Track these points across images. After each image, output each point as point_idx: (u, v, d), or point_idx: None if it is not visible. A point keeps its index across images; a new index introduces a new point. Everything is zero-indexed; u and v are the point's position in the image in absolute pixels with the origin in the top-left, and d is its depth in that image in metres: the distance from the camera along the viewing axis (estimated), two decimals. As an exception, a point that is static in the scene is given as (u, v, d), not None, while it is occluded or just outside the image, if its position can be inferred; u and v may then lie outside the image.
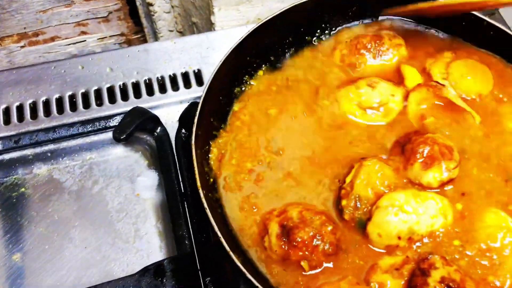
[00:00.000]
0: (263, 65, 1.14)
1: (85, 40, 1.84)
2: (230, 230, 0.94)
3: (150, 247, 1.10)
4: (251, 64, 1.12)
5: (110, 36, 1.86)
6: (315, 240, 0.87)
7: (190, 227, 1.07)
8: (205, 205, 0.86)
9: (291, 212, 0.91)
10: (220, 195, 0.99)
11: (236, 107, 1.09)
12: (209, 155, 1.02)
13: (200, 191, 0.88)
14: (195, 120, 0.95)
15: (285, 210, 0.92)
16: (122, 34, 1.87)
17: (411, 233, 0.88)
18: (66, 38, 1.80)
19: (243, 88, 1.12)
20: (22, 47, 1.78)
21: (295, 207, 0.92)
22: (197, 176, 0.90)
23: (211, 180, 1.00)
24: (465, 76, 1.06)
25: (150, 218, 1.13)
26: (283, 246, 0.88)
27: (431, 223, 0.88)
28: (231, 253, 0.82)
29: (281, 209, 0.93)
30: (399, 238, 0.88)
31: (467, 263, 0.87)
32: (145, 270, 0.96)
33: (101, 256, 1.09)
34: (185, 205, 1.10)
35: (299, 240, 0.87)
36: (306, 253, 0.87)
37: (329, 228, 0.89)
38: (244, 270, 0.81)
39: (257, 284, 0.80)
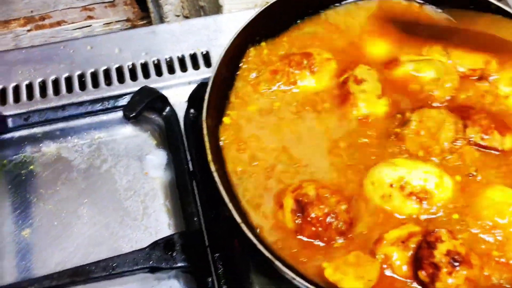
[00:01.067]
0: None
1: (91, 25, 1.85)
2: (241, 206, 0.95)
3: (158, 225, 1.11)
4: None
5: (116, 21, 1.87)
6: (329, 218, 0.88)
7: (198, 204, 1.08)
8: (216, 178, 0.87)
9: (306, 188, 0.92)
10: (230, 171, 0.99)
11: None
12: (219, 132, 1.02)
13: (212, 165, 0.89)
14: (208, 90, 0.95)
15: (301, 186, 0.93)
16: (128, 20, 1.89)
17: (401, 180, 0.90)
18: (72, 23, 1.82)
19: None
20: (28, 30, 1.79)
21: (310, 183, 0.93)
22: (208, 150, 0.90)
23: (222, 155, 1.01)
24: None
25: (158, 197, 1.14)
26: (296, 221, 0.89)
27: (424, 178, 0.91)
28: (242, 225, 0.83)
29: (297, 185, 0.94)
30: (391, 186, 0.90)
31: (469, 237, 0.89)
32: (155, 244, 0.97)
33: (110, 233, 1.10)
34: (194, 184, 1.11)
35: (314, 216, 0.88)
36: (320, 229, 0.89)
37: (343, 207, 0.90)
38: (255, 241, 0.82)
39: (267, 254, 0.81)
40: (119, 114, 1.22)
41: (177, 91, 1.24)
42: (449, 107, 1.02)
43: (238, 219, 0.84)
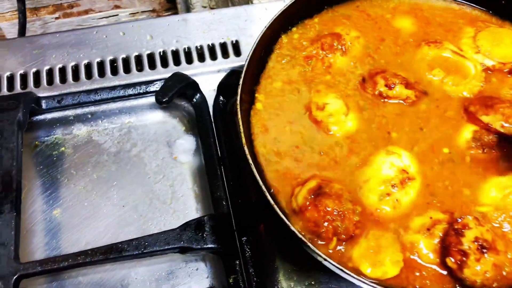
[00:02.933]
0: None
1: (118, 15, 1.88)
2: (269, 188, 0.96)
3: (186, 208, 1.13)
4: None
5: (142, 11, 1.89)
6: (335, 214, 0.88)
7: (226, 189, 1.10)
8: (250, 160, 0.89)
9: (334, 185, 0.93)
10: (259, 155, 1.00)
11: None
12: (250, 116, 1.03)
13: (245, 147, 0.90)
14: (243, 74, 0.97)
15: (330, 181, 0.94)
16: (153, 11, 1.91)
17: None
18: (99, 12, 1.84)
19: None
20: (56, 18, 1.82)
21: (337, 183, 0.93)
22: (242, 134, 0.92)
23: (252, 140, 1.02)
24: (495, 42, 1.08)
25: (186, 181, 1.16)
26: (307, 202, 0.90)
27: None
28: (275, 206, 0.85)
29: (325, 178, 0.95)
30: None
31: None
32: (186, 225, 0.99)
33: (138, 215, 1.12)
34: (222, 169, 1.13)
35: (323, 204, 0.88)
36: (321, 220, 0.88)
37: (355, 218, 0.89)
38: (287, 222, 0.83)
39: (300, 235, 0.83)
40: (150, 99, 1.24)
41: (207, 79, 1.26)
42: (473, 98, 1.04)
43: (271, 201, 0.85)
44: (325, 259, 0.81)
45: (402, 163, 0.94)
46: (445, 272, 0.86)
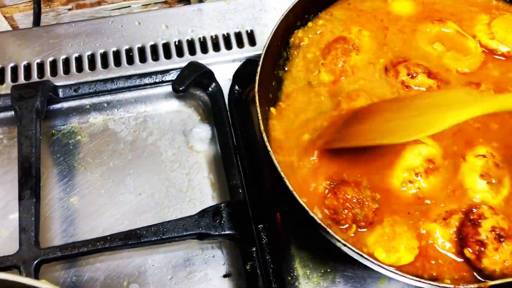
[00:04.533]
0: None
1: (130, 6, 1.87)
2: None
3: (202, 197, 1.14)
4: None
5: (154, 3, 1.89)
6: (354, 202, 0.88)
7: (242, 177, 1.11)
8: (269, 147, 0.89)
9: (353, 171, 0.93)
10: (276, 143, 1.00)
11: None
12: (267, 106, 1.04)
13: (264, 135, 0.91)
14: (260, 64, 0.97)
15: (350, 168, 0.94)
16: (165, 2, 1.91)
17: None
18: (112, 3, 1.84)
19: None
20: (69, 9, 1.81)
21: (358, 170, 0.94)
22: (260, 121, 0.92)
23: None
24: (510, 29, 1.08)
25: (202, 170, 1.17)
26: (326, 189, 0.91)
27: None
28: (294, 192, 0.85)
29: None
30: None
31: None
32: (204, 212, 1.00)
33: (155, 203, 1.13)
34: (238, 158, 1.13)
35: (343, 192, 0.89)
36: (340, 207, 0.89)
37: (374, 205, 0.89)
38: (307, 208, 0.84)
39: (319, 221, 0.83)
40: (165, 88, 1.24)
41: (222, 68, 1.26)
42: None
43: (291, 188, 0.85)
44: (344, 245, 0.82)
45: (429, 153, 0.94)
46: (461, 260, 0.87)
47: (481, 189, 0.91)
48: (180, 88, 1.14)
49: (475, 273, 0.85)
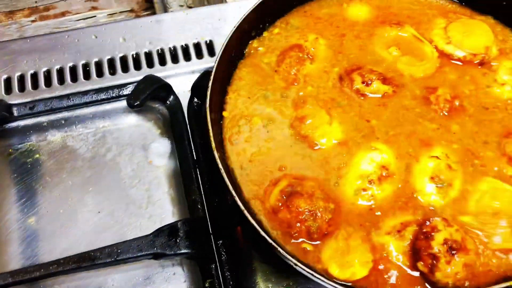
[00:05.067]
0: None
1: (95, 16, 1.86)
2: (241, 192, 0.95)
3: (163, 213, 1.12)
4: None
5: (120, 12, 1.87)
6: (306, 214, 0.87)
7: (202, 192, 1.09)
8: (220, 165, 0.88)
9: (306, 183, 0.92)
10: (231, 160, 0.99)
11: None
12: (221, 120, 1.03)
13: (215, 152, 0.89)
14: (211, 78, 0.96)
15: (303, 179, 0.93)
16: (131, 10, 1.89)
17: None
18: (76, 13, 1.82)
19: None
20: (33, 21, 1.79)
21: (312, 182, 0.92)
22: (211, 138, 0.91)
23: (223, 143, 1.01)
24: (466, 34, 1.07)
25: (162, 185, 1.15)
26: (279, 201, 0.89)
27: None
28: (245, 211, 0.84)
29: (298, 176, 0.94)
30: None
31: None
32: (159, 231, 0.98)
33: (115, 221, 1.11)
34: (197, 172, 1.12)
35: (295, 204, 0.88)
36: (293, 220, 0.88)
37: (327, 216, 0.88)
38: (258, 227, 0.83)
39: (270, 240, 0.82)
40: (123, 103, 1.22)
41: (181, 80, 1.25)
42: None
43: (242, 206, 0.84)
44: (295, 264, 0.81)
45: (383, 160, 0.94)
46: (416, 274, 0.86)
47: (429, 192, 0.90)
48: (135, 103, 1.12)
49: (428, 287, 0.84)
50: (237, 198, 0.85)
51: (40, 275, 0.93)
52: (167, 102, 1.20)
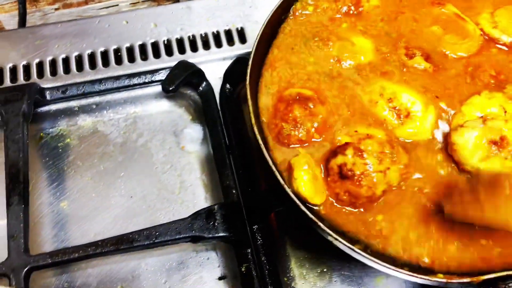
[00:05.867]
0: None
1: (118, 5, 1.84)
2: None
3: (195, 198, 1.12)
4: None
5: (143, 1, 1.86)
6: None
7: (236, 178, 1.09)
8: (260, 141, 0.87)
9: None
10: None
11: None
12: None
13: (255, 128, 0.89)
14: (251, 56, 0.96)
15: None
16: (154, 0, 1.88)
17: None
18: (99, 2, 1.81)
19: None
20: (56, 9, 1.78)
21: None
22: (251, 114, 0.90)
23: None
24: None
25: (194, 171, 1.15)
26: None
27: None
28: (287, 188, 0.84)
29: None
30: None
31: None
32: (197, 214, 0.98)
33: (147, 206, 1.11)
34: (231, 158, 1.12)
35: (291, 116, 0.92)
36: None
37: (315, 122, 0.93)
38: (302, 206, 0.83)
39: (312, 216, 0.82)
40: (155, 89, 1.22)
41: (212, 67, 1.24)
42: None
43: (287, 188, 0.84)
44: (335, 239, 0.81)
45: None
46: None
47: None
48: (170, 88, 1.12)
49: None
50: (277, 174, 0.85)
51: (78, 256, 0.93)
52: (199, 88, 1.19)
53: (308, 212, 0.82)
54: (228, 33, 1.30)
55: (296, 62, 1.03)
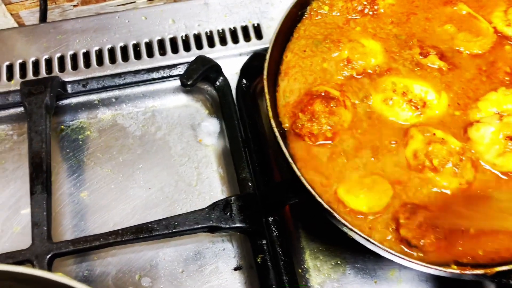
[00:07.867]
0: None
1: (135, 1, 1.87)
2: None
3: (211, 190, 1.15)
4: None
5: (159, -2, 1.89)
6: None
7: (251, 171, 1.11)
8: (277, 133, 0.89)
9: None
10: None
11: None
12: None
13: (272, 121, 0.91)
14: (270, 47, 0.98)
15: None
16: (170, -3, 1.91)
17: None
18: (117, -1, 1.84)
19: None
20: (75, 6, 1.81)
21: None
22: (269, 107, 0.92)
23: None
24: None
25: (211, 163, 1.18)
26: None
27: None
28: (302, 178, 0.85)
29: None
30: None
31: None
32: (214, 205, 1.00)
33: (165, 197, 1.14)
34: (246, 151, 1.14)
35: (310, 108, 0.95)
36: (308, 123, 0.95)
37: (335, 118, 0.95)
38: (317, 196, 0.84)
39: (327, 206, 0.84)
40: (173, 83, 1.25)
41: (229, 62, 1.26)
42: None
43: (303, 179, 0.86)
44: (351, 229, 0.82)
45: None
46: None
47: None
48: (188, 83, 1.14)
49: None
50: (293, 165, 0.87)
51: (99, 244, 0.96)
52: (216, 83, 1.22)
53: (323, 202, 0.84)
54: (245, 29, 1.32)
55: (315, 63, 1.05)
